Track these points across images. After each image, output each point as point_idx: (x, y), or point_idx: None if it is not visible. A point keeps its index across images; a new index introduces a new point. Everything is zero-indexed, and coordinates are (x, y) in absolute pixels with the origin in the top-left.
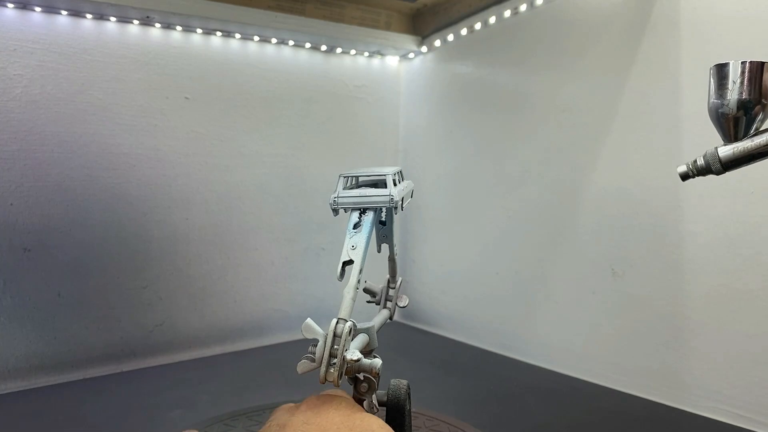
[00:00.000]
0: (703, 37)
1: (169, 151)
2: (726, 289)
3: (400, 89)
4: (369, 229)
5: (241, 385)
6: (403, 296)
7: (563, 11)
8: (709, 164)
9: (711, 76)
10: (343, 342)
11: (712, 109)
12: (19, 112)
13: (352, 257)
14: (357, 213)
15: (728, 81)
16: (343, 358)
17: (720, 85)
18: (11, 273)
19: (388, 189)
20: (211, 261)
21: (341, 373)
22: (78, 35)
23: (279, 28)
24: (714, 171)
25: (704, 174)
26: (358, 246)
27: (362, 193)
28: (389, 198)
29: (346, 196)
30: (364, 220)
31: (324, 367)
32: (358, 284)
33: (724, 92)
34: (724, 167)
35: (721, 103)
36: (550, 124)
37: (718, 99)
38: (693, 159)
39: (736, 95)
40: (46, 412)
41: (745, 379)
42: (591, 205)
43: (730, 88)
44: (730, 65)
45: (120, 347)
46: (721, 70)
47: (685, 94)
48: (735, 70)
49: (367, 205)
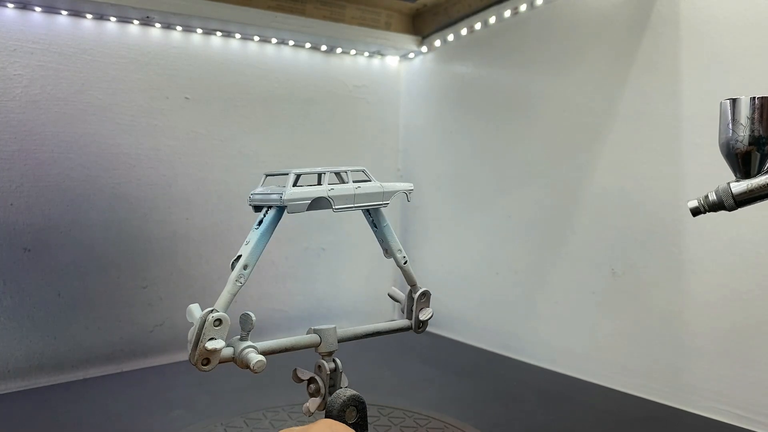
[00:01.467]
0: (702, 37)
1: (169, 151)
2: (726, 289)
3: (400, 89)
4: (265, 226)
5: (241, 386)
6: (426, 309)
7: (563, 11)
8: (722, 200)
9: (722, 111)
10: (202, 330)
11: (724, 144)
12: (19, 112)
13: (241, 252)
14: (263, 210)
15: (741, 117)
16: (199, 344)
17: (732, 120)
18: (11, 273)
19: (284, 189)
20: (212, 261)
21: (194, 356)
22: (78, 35)
23: (279, 28)
24: (726, 207)
25: (716, 210)
26: (251, 241)
27: (267, 191)
28: (278, 197)
29: (257, 194)
30: (265, 218)
31: (190, 351)
32: (239, 278)
33: (737, 128)
34: (737, 203)
35: (734, 139)
36: (550, 124)
37: (730, 134)
38: (704, 194)
39: (748, 131)
40: (46, 412)
41: (745, 379)
42: (591, 205)
43: (743, 124)
44: (741, 101)
45: (120, 347)
46: (732, 106)
47: (685, 94)
48: (746, 106)
49: (265, 203)
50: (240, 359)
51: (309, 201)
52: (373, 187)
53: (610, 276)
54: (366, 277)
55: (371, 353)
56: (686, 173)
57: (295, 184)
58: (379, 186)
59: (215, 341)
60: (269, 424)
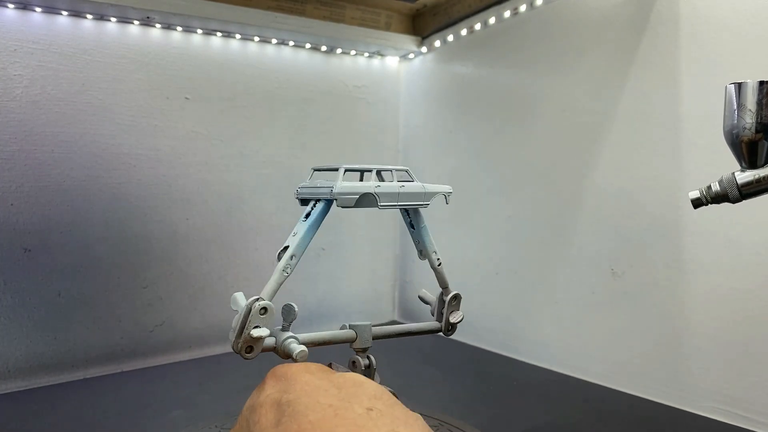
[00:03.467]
0: (702, 37)
1: (169, 151)
2: (726, 289)
3: (400, 89)
4: (314, 219)
5: (241, 386)
6: (457, 312)
7: (563, 11)
8: (726, 191)
9: (727, 96)
10: (249, 317)
11: (728, 132)
12: (20, 112)
13: (288, 243)
14: (311, 203)
15: (747, 102)
16: (244, 332)
17: (738, 106)
18: (11, 273)
19: (334, 183)
20: (212, 261)
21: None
22: (78, 36)
23: (279, 28)
24: (731, 198)
25: (719, 201)
26: (298, 233)
27: (317, 185)
28: (328, 190)
29: (305, 187)
30: (313, 211)
31: (234, 338)
32: (286, 268)
33: (744, 114)
34: (742, 195)
35: (739, 126)
36: (550, 125)
37: (735, 121)
38: (706, 185)
39: (756, 118)
40: (46, 412)
41: (745, 380)
42: (591, 205)
43: (750, 110)
44: (748, 85)
45: (120, 347)
46: (738, 91)
47: (685, 94)
48: (753, 91)
49: (314, 196)
50: (282, 349)
51: (357, 196)
52: (416, 187)
53: (610, 276)
54: (366, 278)
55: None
56: (686, 173)
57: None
58: (422, 186)
59: (260, 329)
60: None
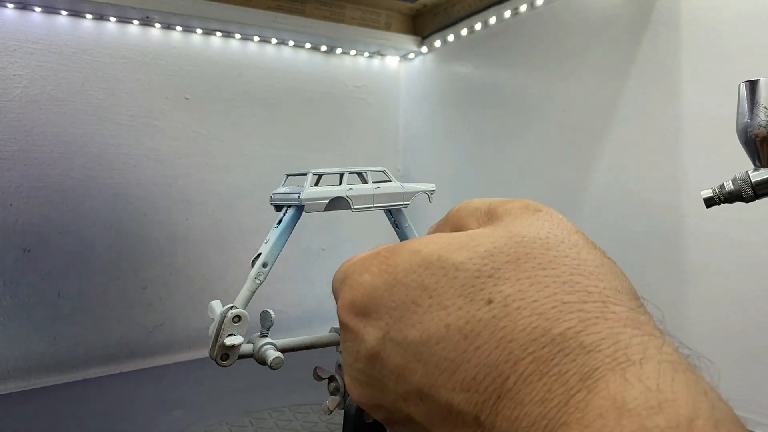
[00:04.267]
0: (703, 37)
1: (169, 151)
2: (726, 290)
3: (400, 89)
4: (284, 226)
5: (241, 386)
6: None
7: (563, 12)
8: (740, 189)
9: (740, 95)
10: (222, 326)
11: (742, 130)
12: (19, 112)
13: (261, 250)
14: (284, 209)
15: (762, 99)
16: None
17: (752, 103)
18: (11, 273)
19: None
20: (211, 261)
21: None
22: (78, 35)
23: (279, 28)
24: (744, 197)
25: (732, 200)
26: (270, 240)
27: (287, 191)
28: (296, 197)
29: (278, 193)
30: (284, 217)
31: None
32: (258, 275)
33: (758, 112)
34: (756, 194)
35: (753, 124)
36: (550, 124)
37: (749, 119)
38: (719, 183)
39: None
40: (46, 412)
41: (746, 380)
42: (591, 205)
43: (766, 107)
44: (762, 82)
45: (120, 347)
46: (752, 87)
47: (685, 94)
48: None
49: (284, 202)
50: (259, 356)
51: (327, 201)
52: (394, 187)
53: None
54: None
55: None
56: (686, 173)
57: (317, 184)
58: (400, 186)
59: (234, 337)
60: (274, 424)
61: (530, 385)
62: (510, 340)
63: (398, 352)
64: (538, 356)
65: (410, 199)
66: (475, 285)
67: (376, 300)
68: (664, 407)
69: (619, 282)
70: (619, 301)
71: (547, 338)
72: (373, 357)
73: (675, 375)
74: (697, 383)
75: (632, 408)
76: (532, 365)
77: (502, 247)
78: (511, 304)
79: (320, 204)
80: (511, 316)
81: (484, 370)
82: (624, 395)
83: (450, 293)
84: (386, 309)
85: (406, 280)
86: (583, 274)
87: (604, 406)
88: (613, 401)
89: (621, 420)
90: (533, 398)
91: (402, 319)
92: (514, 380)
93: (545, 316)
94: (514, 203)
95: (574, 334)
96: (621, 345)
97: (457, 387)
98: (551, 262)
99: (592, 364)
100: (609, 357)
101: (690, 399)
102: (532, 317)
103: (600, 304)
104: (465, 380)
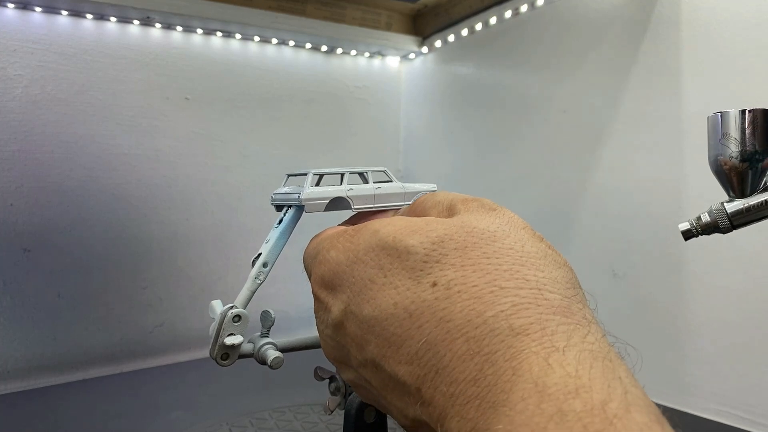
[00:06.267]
0: (704, 37)
1: (169, 152)
2: (726, 290)
3: (400, 90)
4: (285, 226)
5: (241, 386)
6: None
7: (564, 12)
8: (717, 221)
9: (710, 126)
10: (222, 325)
11: (714, 161)
12: (20, 112)
13: (261, 250)
14: (284, 209)
15: (731, 131)
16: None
17: (722, 135)
18: (11, 273)
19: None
20: (212, 262)
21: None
22: (78, 36)
23: (279, 28)
24: (721, 228)
25: (710, 232)
26: (270, 240)
27: (288, 191)
28: (297, 197)
29: (278, 193)
30: (285, 217)
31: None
32: (258, 275)
33: (728, 143)
34: (733, 225)
35: (725, 155)
36: (550, 125)
37: (718, 151)
38: (696, 216)
39: (740, 146)
40: (46, 412)
41: (746, 381)
42: (591, 206)
43: (736, 139)
44: (730, 114)
45: (120, 347)
46: (721, 120)
47: (686, 95)
48: (737, 119)
49: (285, 202)
50: (259, 355)
51: (327, 201)
52: (394, 187)
53: (611, 277)
54: None
55: None
56: (687, 174)
57: (318, 184)
58: (401, 186)
59: (234, 337)
60: (274, 424)
61: (463, 363)
62: (448, 320)
63: (356, 324)
64: (471, 336)
65: (411, 199)
66: (423, 269)
67: (340, 275)
68: (580, 392)
69: (560, 273)
70: (554, 289)
71: (480, 320)
72: (337, 326)
73: (594, 363)
74: (613, 370)
75: (552, 393)
76: (465, 345)
77: (452, 234)
78: (453, 287)
79: (320, 204)
80: (451, 298)
81: (425, 347)
82: (545, 380)
83: (401, 274)
84: (348, 284)
85: (366, 258)
86: (524, 264)
87: (527, 389)
88: (534, 384)
89: (541, 404)
90: (466, 377)
91: (360, 294)
92: (449, 358)
93: (482, 300)
94: (474, 201)
95: (506, 317)
96: (548, 331)
97: (402, 360)
98: (496, 252)
99: (519, 346)
100: (535, 342)
101: (605, 384)
102: (470, 300)
103: (535, 291)
104: (408, 354)
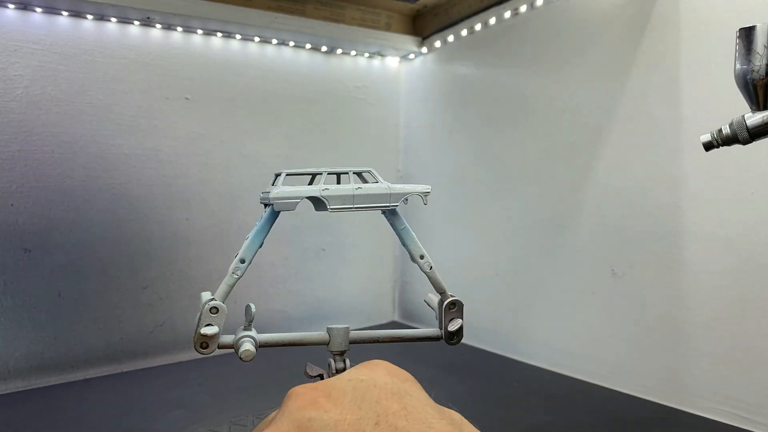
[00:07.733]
0: (703, 37)
1: (169, 152)
2: (726, 290)
3: (400, 90)
4: (261, 224)
5: (241, 386)
6: (456, 320)
7: (563, 12)
8: (736, 133)
9: (738, 40)
10: (200, 316)
11: (740, 74)
12: (20, 112)
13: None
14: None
15: (757, 46)
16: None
17: (748, 49)
18: (11, 273)
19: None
20: (212, 261)
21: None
22: (78, 36)
23: (279, 28)
24: (741, 140)
25: (729, 143)
26: (249, 237)
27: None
28: (266, 195)
29: (263, 192)
30: (262, 216)
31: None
32: (235, 270)
33: (753, 57)
34: (751, 136)
35: (750, 69)
36: (550, 125)
37: (745, 64)
38: (717, 128)
39: (765, 61)
40: (46, 412)
41: (746, 380)
42: (591, 205)
43: (759, 54)
44: (757, 29)
45: (120, 347)
46: (748, 35)
47: (685, 95)
48: (763, 34)
49: (263, 201)
50: (236, 347)
51: (298, 200)
52: (378, 188)
53: (610, 276)
54: (366, 278)
55: (372, 354)
56: (686, 174)
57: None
58: (386, 187)
59: (210, 327)
60: None
61: None
62: None
63: None
64: None
65: (398, 201)
66: None
67: None
68: None
69: None
70: None
71: None
72: None
73: None
74: None
75: None
76: None
77: None
78: None
79: (292, 203)
80: None
81: None
82: None
83: None
84: None
85: None
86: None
87: None
88: None
89: None
90: None
91: None
92: None
93: None
94: None
95: None
96: None
97: None
98: None
99: None
100: None
101: None
102: None
103: None
104: None
